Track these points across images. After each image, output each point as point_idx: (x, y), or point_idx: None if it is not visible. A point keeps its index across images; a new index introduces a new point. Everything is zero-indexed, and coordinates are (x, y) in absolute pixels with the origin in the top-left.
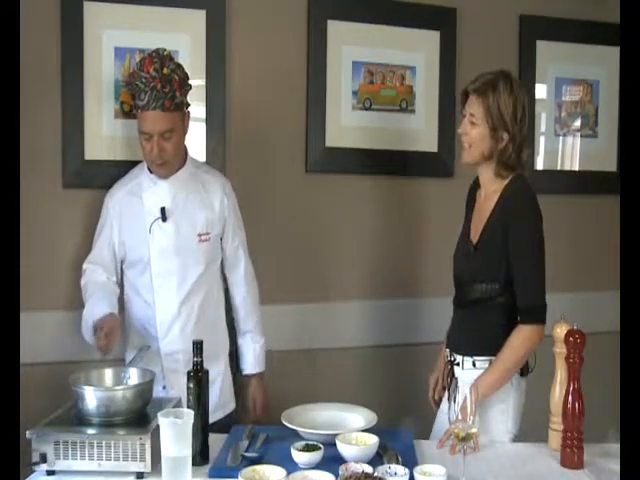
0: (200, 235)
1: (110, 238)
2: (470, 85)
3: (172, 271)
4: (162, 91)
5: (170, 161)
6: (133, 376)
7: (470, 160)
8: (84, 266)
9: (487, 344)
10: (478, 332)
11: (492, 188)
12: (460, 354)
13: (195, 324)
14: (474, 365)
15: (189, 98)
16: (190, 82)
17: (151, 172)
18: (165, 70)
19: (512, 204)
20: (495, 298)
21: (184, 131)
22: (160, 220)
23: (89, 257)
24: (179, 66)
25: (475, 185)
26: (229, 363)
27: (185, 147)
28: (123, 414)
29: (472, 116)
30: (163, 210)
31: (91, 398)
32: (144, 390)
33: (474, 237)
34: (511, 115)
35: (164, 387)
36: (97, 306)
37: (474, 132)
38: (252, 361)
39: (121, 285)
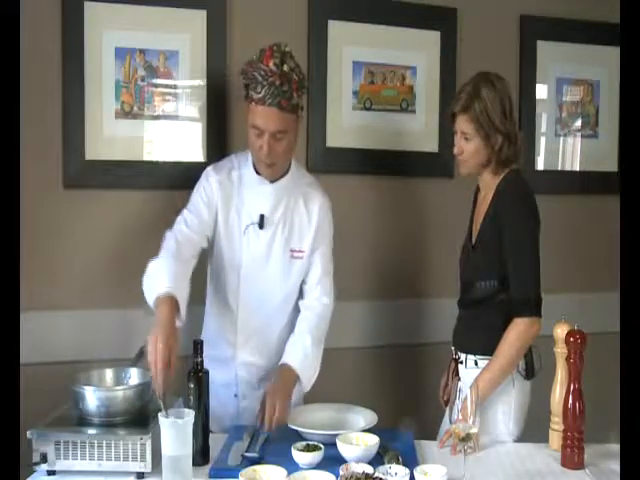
0: (293, 251)
1: (211, 215)
2: (454, 105)
3: (261, 280)
4: (280, 89)
5: (279, 164)
6: (133, 376)
7: (468, 171)
8: (168, 233)
9: (488, 343)
10: (479, 331)
11: (490, 187)
12: (463, 352)
13: (277, 342)
14: (476, 364)
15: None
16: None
17: (256, 171)
18: (285, 67)
19: (502, 201)
20: (495, 296)
21: (296, 135)
22: (257, 226)
23: (183, 218)
24: (298, 66)
25: (478, 187)
26: None
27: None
28: (123, 414)
29: (464, 133)
30: (262, 217)
31: (91, 398)
32: (144, 390)
33: (473, 237)
34: (500, 115)
35: (236, 395)
36: (160, 274)
37: (469, 147)
38: (298, 357)
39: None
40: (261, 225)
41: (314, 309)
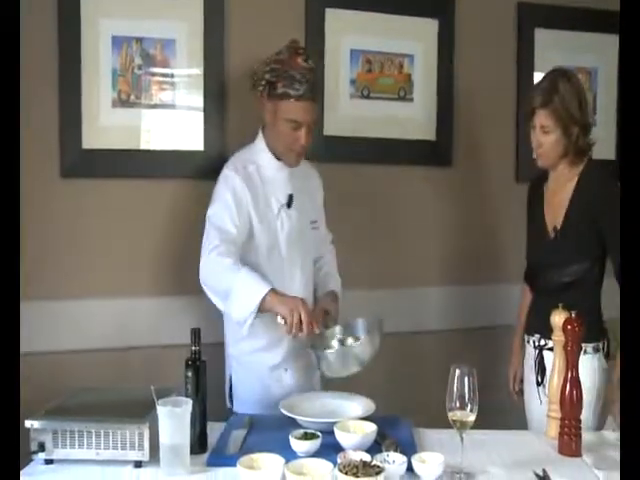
0: (312, 222)
1: (242, 216)
2: (534, 101)
3: (297, 258)
4: (314, 84)
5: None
6: None
7: (547, 164)
8: (218, 244)
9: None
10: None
11: (566, 178)
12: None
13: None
14: (584, 352)
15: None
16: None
17: (277, 159)
18: (310, 62)
19: (595, 186)
20: (585, 278)
21: None
22: (286, 206)
23: (225, 236)
24: None
25: (537, 182)
26: None
27: None
28: None
29: (543, 127)
30: (290, 197)
31: None
32: None
33: (555, 224)
34: (577, 107)
35: (286, 369)
36: (255, 285)
37: (548, 140)
38: (334, 283)
39: None
40: (289, 204)
41: (329, 254)
